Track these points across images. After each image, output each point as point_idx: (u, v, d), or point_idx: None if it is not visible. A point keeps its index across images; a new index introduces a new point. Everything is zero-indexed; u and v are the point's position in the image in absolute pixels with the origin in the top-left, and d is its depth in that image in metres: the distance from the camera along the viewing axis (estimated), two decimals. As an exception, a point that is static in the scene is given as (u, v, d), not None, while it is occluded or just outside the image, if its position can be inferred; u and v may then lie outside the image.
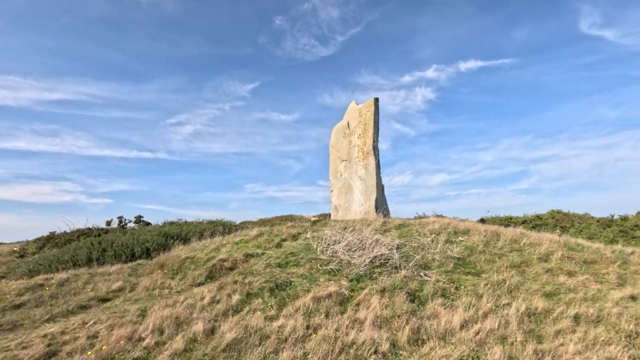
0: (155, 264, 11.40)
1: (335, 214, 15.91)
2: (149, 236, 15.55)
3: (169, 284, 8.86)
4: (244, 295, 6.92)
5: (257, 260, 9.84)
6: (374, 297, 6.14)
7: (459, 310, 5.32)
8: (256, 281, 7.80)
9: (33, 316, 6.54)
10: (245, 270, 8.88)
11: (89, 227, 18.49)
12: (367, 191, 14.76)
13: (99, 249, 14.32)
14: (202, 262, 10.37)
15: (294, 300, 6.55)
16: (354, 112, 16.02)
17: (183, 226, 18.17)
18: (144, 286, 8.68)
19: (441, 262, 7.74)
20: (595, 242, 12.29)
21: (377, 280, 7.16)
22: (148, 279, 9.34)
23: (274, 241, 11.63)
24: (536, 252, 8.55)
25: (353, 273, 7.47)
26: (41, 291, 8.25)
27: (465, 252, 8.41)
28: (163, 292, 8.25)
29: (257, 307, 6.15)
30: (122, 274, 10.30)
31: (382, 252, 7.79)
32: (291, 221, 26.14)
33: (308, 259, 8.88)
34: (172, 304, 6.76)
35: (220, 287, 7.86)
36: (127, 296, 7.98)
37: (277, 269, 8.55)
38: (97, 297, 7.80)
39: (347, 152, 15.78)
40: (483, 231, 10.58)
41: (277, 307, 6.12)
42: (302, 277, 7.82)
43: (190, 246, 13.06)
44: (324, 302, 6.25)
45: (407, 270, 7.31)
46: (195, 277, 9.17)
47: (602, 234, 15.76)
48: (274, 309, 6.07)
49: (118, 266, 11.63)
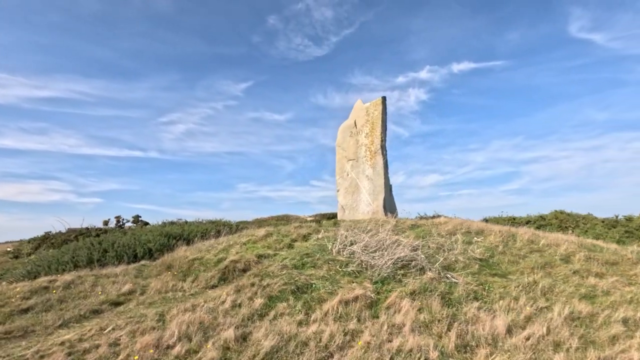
0: (161, 265, 11.04)
1: (341, 214, 15.69)
2: (150, 236, 15.13)
3: (181, 286, 8.53)
4: (266, 299, 6.65)
5: (270, 261, 9.57)
6: (405, 300, 5.93)
7: (500, 315, 5.14)
8: (274, 283, 7.54)
9: (44, 321, 6.17)
10: (260, 272, 8.61)
11: (86, 227, 17.95)
12: (374, 191, 14.58)
13: (99, 249, 13.87)
14: (213, 264, 10.05)
15: (319, 303, 6.31)
16: (360, 111, 15.82)
17: (184, 226, 17.76)
18: (155, 289, 8.34)
19: (465, 263, 7.57)
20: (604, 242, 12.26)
21: (402, 282, 6.96)
22: (158, 281, 9.00)
23: (284, 242, 11.36)
24: (557, 253, 8.44)
25: (376, 275, 7.25)
26: (48, 294, 7.86)
27: (486, 253, 8.25)
28: (176, 295, 7.92)
29: (283, 312, 5.89)
30: (128, 276, 9.93)
31: (404, 253, 7.58)
32: (287, 221, 25.94)
33: (325, 260, 8.64)
34: (191, 308, 6.46)
35: (238, 289, 7.58)
36: (140, 299, 7.64)
37: (294, 271, 8.30)
38: (109, 300, 7.44)
39: (354, 151, 15.57)
40: (498, 231, 10.46)
41: (304, 311, 5.87)
42: (323, 279, 7.58)
43: (195, 247, 12.72)
44: (352, 305, 6.02)
45: (432, 272, 7.11)
46: (208, 279, 8.85)
47: (608, 234, 15.81)
48: (302, 313, 5.82)
49: (122, 267, 11.22)
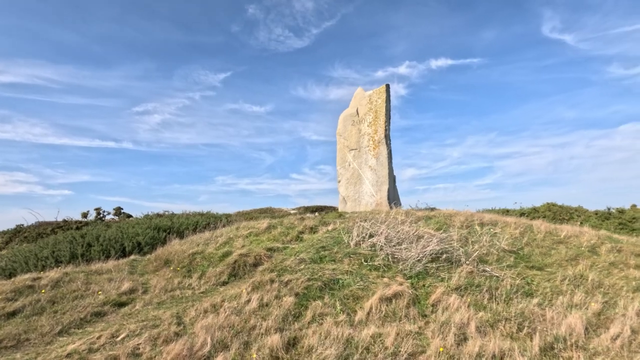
0: (156, 260, 10.15)
1: (343, 206, 15.15)
2: (138, 229, 14.07)
3: (187, 283, 7.74)
4: (294, 297, 6.01)
5: (282, 255, 8.91)
6: (452, 296, 5.45)
7: (568, 312, 4.75)
8: (296, 279, 6.91)
9: (39, 327, 5.29)
10: (276, 267, 7.95)
11: (64, 220, 16.56)
12: (378, 182, 14.10)
13: (82, 243, 12.71)
14: (217, 258, 9.28)
15: (356, 301, 5.74)
16: (362, 99, 15.25)
17: (173, 219, 16.71)
18: (159, 287, 7.52)
19: (499, 255, 7.20)
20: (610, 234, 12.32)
21: (438, 276, 6.49)
22: (160, 279, 8.16)
23: (291, 234, 10.71)
24: (581, 244, 8.25)
25: (408, 269, 6.75)
26: (35, 294, 6.90)
27: (513, 245, 7.93)
28: (186, 294, 7.15)
29: (321, 312, 5.29)
30: (122, 272, 9.01)
31: (438, 246, 7.12)
32: (271, 214, 25.18)
33: (345, 253, 8.08)
34: (212, 309, 5.74)
35: (255, 286, 6.90)
36: (145, 299, 6.82)
37: (314, 265, 7.69)
38: (110, 301, 6.59)
39: (356, 140, 15.02)
40: (512, 223, 10.23)
41: (345, 312, 5.29)
42: (348, 274, 7.01)
43: (190, 240, 11.85)
44: (395, 303, 5.49)
45: (467, 265, 6.69)
46: (217, 275, 8.10)
47: (603, 226, 16.06)
48: (343, 313, 5.23)
49: (112, 263, 10.23)
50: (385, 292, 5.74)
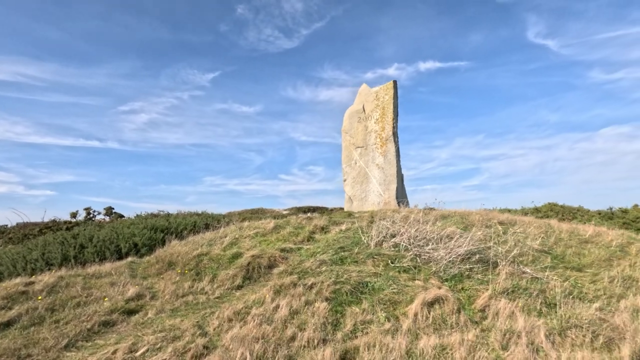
0: (158, 262, 9.49)
1: (349, 205, 14.68)
2: (135, 230, 13.31)
3: (199, 287, 7.13)
4: (325, 302, 5.50)
5: (297, 256, 8.37)
6: (501, 301, 5.03)
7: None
8: (320, 283, 6.40)
9: (41, 341, 4.63)
10: (294, 269, 7.41)
11: (53, 220, 15.60)
12: (386, 180, 13.69)
13: (74, 245, 11.89)
14: (227, 260, 8.69)
15: (394, 307, 5.27)
16: (369, 96, 14.83)
17: (170, 219, 15.95)
18: (169, 292, 6.89)
19: (533, 256, 6.85)
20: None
21: (475, 279, 6.07)
22: (168, 283, 7.53)
23: (302, 234, 10.16)
24: (609, 243, 7.99)
25: (442, 271, 6.32)
26: (31, 302, 6.20)
27: (544, 245, 7.60)
28: (200, 299, 6.55)
29: (362, 319, 4.79)
30: (122, 276, 8.33)
31: (474, 245, 6.71)
32: (262, 214, 24.49)
33: (367, 254, 7.60)
34: (236, 317, 5.17)
35: (277, 291, 6.36)
36: (156, 306, 6.20)
37: (336, 267, 7.19)
38: (117, 308, 5.94)
39: (362, 138, 14.57)
40: (530, 222, 9.94)
41: (389, 319, 4.80)
42: (376, 277, 6.54)
43: (191, 241, 11.20)
44: (439, 309, 5.04)
45: (504, 266, 6.29)
46: (230, 279, 7.51)
47: (607, 225, 16.02)
48: (388, 320, 4.75)
49: (108, 266, 9.52)
50: (425, 296, 5.28)
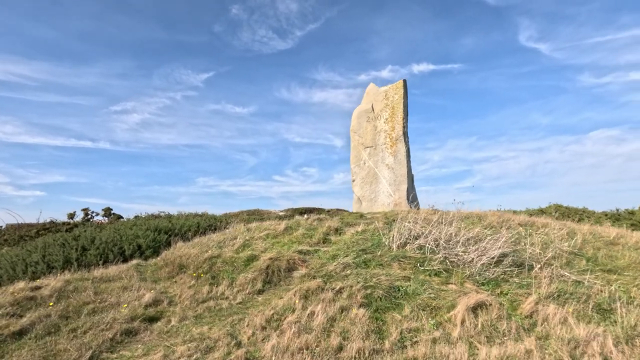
0: (166, 265, 9.11)
1: (358, 206, 14.40)
2: (138, 231, 12.87)
3: (220, 292, 6.78)
4: (362, 308, 5.20)
5: (317, 259, 8.06)
6: (549, 306, 4.79)
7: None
8: (349, 287, 6.10)
9: (62, 353, 4.25)
10: (317, 273, 7.10)
11: (51, 221, 15.04)
12: (396, 181, 13.45)
13: (76, 247, 11.42)
14: (242, 263, 8.34)
15: (434, 313, 4.99)
16: (377, 95, 14.59)
17: (173, 220, 15.51)
18: (187, 297, 6.52)
19: (567, 258, 6.64)
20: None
21: (512, 282, 5.83)
22: (184, 287, 7.16)
23: (316, 236, 9.83)
24: (636, 245, 7.84)
25: (477, 274, 6.07)
26: (42, 308, 5.79)
27: (573, 247, 7.40)
28: (222, 305, 6.20)
29: (408, 327, 4.49)
30: (132, 280, 7.93)
31: (507, 248, 6.47)
32: (259, 215, 24.09)
33: (391, 257, 7.32)
34: (269, 325, 4.85)
35: (304, 296, 6.05)
36: (177, 312, 5.83)
37: (361, 270, 6.90)
38: (137, 315, 5.56)
39: (371, 137, 14.32)
40: (548, 224, 9.77)
41: (437, 327, 4.52)
42: (406, 280, 6.26)
43: (199, 242, 10.83)
44: (486, 315, 4.77)
45: (541, 269, 6.06)
46: (249, 282, 7.17)
47: (615, 226, 15.99)
48: (436, 328, 4.46)
49: (114, 268, 9.10)
50: (467, 301, 5.02)
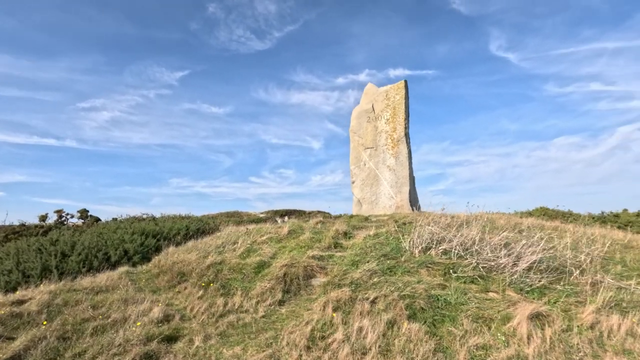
0: (163, 272, 8.32)
1: (358, 209, 13.96)
2: (125, 236, 11.87)
3: (237, 304, 6.10)
4: (408, 320, 4.72)
5: (336, 265, 7.52)
6: (612, 317, 4.51)
7: None
8: (384, 297, 5.63)
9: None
10: (341, 281, 6.57)
11: (22, 224, 13.60)
12: (398, 183, 13.13)
13: (55, 253, 10.33)
14: (252, 270, 7.68)
15: (491, 324, 4.59)
16: (378, 95, 14.25)
17: (159, 222, 14.52)
18: (202, 311, 5.81)
19: (601, 263, 6.47)
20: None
21: (556, 290, 5.55)
22: (194, 300, 6.42)
23: (324, 240, 9.30)
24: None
25: (518, 281, 5.75)
26: (35, 328, 4.92)
27: (600, 251, 7.28)
28: (244, 319, 5.53)
29: (475, 343, 4.05)
30: (129, 291, 7.11)
31: (544, 253, 6.20)
32: (238, 217, 23.37)
33: (418, 262, 6.90)
34: (314, 344, 4.27)
35: (337, 307, 5.51)
36: (195, 329, 5.12)
37: (390, 278, 6.44)
38: (152, 335, 4.81)
39: (372, 138, 13.95)
40: (555, 227, 9.75)
41: (507, 344, 4.10)
42: (443, 289, 5.85)
43: (194, 247, 10.08)
44: (548, 327, 4.42)
45: (585, 275, 5.83)
46: (267, 293, 6.53)
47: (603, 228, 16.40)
48: (507, 345, 4.05)
49: (104, 276, 8.20)
50: (524, 313, 4.65)
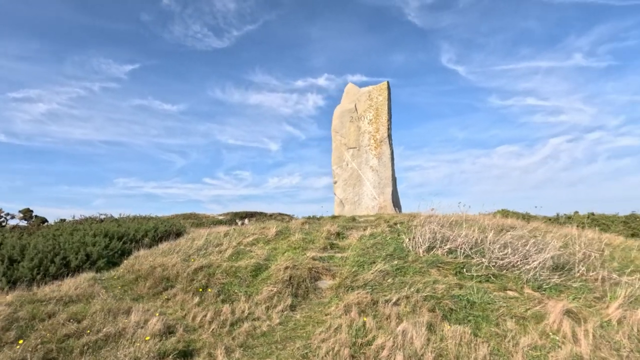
0: (140, 279, 7.49)
1: (340, 210, 13.68)
2: (86, 238, 10.63)
3: (248, 311, 5.49)
4: (447, 322, 4.48)
5: (339, 267, 7.15)
6: (638, 311, 4.61)
7: None
8: (406, 298, 5.40)
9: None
10: (353, 283, 6.23)
11: (-48, 225, 11.57)
12: (380, 184, 13.08)
13: (1, 258, 8.95)
14: (248, 273, 7.11)
15: (527, 324, 4.51)
16: (361, 95, 14.15)
17: (122, 224, 13.20)
18: (207, 320, 5.13)
19: (602, 260, 6.74)
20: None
21: (572, 287, 5.65)
22: (191, 307, 5.71)
23: (318, 241, 8.93)
24: (634, 248, 8.43)
25: (532, 280, 5.79)
26: (6, 349, 3.98)
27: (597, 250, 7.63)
28: (261, 328, 4.96)
29: (530, 343, 3.90)
30: (106, 299, 6.22)
31: (554, 251, 6.31)
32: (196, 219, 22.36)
33: (427, 262, 6.75)
34: (363, 352, 3.87)
35: (362, 310, 5.15)
36: (211, 342, 4.47)
37: (403, 278, 6.22)
38: (164, 351, 4.09)
39: (355, 138, 13.78)
40: (536, 227, 10.21)
41: (563, 342, 3.99)
42: (461, 288, 5.73)
43: (170, 250, 9.30)
44: (584, 324, 4.42)
45: (586, 272, 6.01)
46: (274, 297, 5.99)
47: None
48: (559, 346, 3.93)
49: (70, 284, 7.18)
50: (555, 311, 4.63)
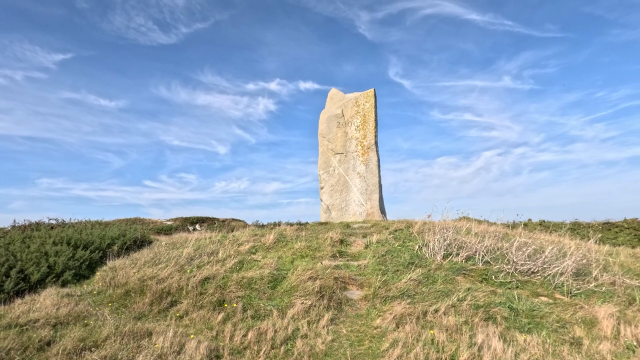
0: (135, 293, 6.70)
1: (327, 216, 13.33)
2: (48, 248, 9.22)
3: (292, 327, 4.93)
4: (516, 332, 4.39)
5: (362, 276, 6.83)
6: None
7: None
8: (452, 307, 5.26)
9: None
10: (388, 293, 5.97)
11: None
12: (368, 190, 13.02)
13: (-61, 273, 7.46)
14: (265, 284, 6.56)
15: (576, 328, 4.59)
16: (348, 101, 14.04)
17: (83, 231, 11.64)
18: (252, 340, 4.50)
19: (604, 264, 7.19)
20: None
21: (597, 292, 5.93)
22: (225, 326, 5.00)
23: (324, 249, 8.53)
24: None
25: (561, 285, 5.99)
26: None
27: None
28: (315, 347, 4.46)
29: (612, 350, 3.91)
30: (105, 320, 5.32)
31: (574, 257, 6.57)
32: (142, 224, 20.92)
33: (452, 270, 6.72)
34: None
35: (425, 325, 4.87)
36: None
37: (436, 287, 6.10)
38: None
39: (342, 144, 13.60)
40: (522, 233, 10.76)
41: (632, 350, 4.06)
42: (494, 295, 5.74)
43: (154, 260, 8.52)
44: (635, 329, 4.60)
45: (605, 277, 6.37)
46: (310, 312, 5.48)
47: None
48: (633, 351, 4.00)
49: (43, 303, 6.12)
50: (605, 316, 4.78)
